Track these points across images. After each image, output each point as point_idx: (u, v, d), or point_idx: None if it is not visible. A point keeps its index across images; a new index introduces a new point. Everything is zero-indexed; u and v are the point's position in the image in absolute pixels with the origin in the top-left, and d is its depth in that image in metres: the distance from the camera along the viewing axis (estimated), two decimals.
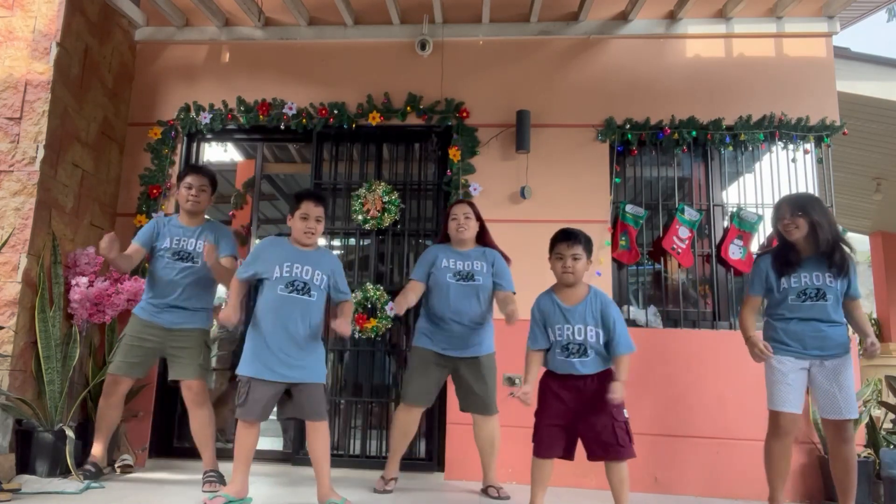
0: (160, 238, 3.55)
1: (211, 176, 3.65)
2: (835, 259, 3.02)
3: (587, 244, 2.90)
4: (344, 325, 3.00)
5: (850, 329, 3.19)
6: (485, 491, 3.49)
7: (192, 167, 3.73)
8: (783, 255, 3.14)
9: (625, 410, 2.77)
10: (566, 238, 2.88)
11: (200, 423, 3.47)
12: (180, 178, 3.63)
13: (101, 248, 3.22)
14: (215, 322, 3.66)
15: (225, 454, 4.43)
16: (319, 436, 3.01)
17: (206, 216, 3.71)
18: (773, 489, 3.08)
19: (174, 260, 3.49)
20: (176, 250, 3.50)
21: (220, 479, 3.40)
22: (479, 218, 3.55)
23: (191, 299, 3.50)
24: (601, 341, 2.81)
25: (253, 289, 3.27)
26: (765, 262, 3.20)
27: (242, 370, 2.99)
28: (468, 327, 3.40)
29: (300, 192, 3.16)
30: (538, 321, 2.94)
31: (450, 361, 3.42)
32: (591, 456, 2.79)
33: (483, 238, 3.58)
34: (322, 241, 4.63)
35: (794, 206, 3.09)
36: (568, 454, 2.84)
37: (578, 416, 2.79)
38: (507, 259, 3.54)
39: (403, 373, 3.71)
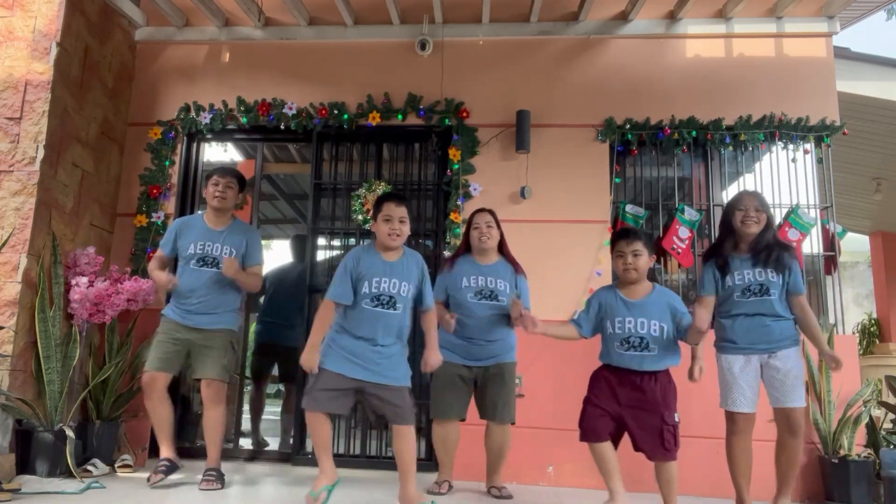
0: (183, 239, 3.57)
1: (238, 174, 3.70)
2: (773, 255, 3.05)
3: (648, 241, 2.98)
4: (433, 356, 3.00)
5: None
6: (488, 491, 3.48)
7: (219, 167, 3.78)
8: (722, 252, 3.16)
9: (676, 415, 2.80)
10: (626, 236, 2.97)
11: (213, 422, 3.48)
12: (208, 176, 3.68)
13: (162, 284, 3.48)
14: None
15: (225, 454, 4.44)
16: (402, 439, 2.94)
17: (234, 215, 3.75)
18: (739, 489, 3.08)
19: (198, 267, 3.52)
20: (200, 256, 3.53)
21: (220, 478, 3.41)
22: (499, 226, 3.52)
23: (217, 302, 3.53)
24: (665, 335, 2.85)
25: None
26: (707, 265, 3.23)
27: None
28: (493, 342, 3.40)
29: (381, 196, 3.13)
30: (591, 310, 2.99)
31: (473, 371, 3.41)
32: (637, 448, 2.85)
33: (502, 248, 3.54)
34: (322, 241, 4.67)
35: (759, 202, 3.13)
36: (613, 437, 2.89)
37: (628, 411, 2.83)
38: (524, 275, 3.51)
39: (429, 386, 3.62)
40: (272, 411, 5.39)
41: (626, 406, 2.84)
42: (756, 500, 3.11)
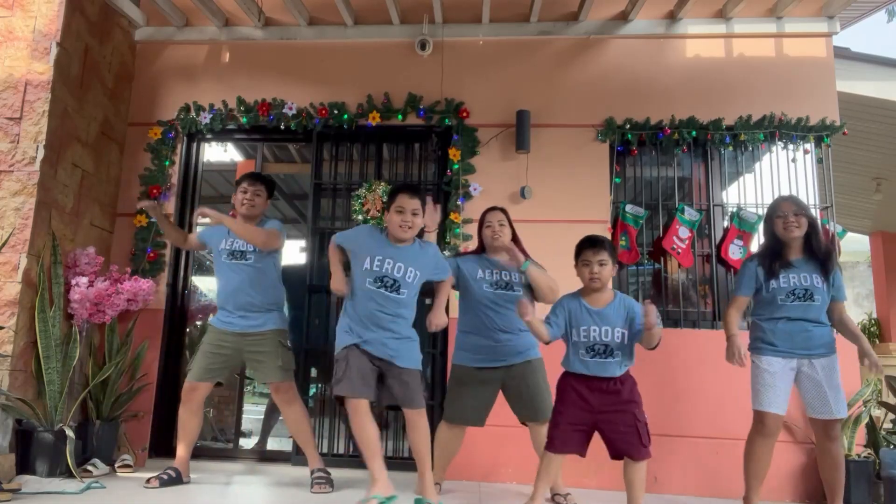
0: (214, 241, 3.57)
1: (267, 180, 3.69)
2: (825, 261, 3.06)
3: (612, 250, 2.95)
4: (438, 316, 3.00)
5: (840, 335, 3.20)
6: (552, 499, 3.35)
7: (249, 173, 3.76)
8: (773, 255, 3.15)
9: (643, 412, 2.82)
10: (592, 245, 2.93)
11: (295, 422, 3.47)
12: (237, 183, 3.67)
13: (145, 205, 3.42)
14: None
15: (226, 455, 4.45)
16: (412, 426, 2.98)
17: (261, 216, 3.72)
18: (750, 489, 3.08)
19: (230, 260, 3.50)
20: (230, 251, 3.51)
21: (329, 481, 3.38)
22: (511, 224, 3.44)
23: (257, 299, 3.47)
24: (625, 341, 2.86)
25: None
26: (754, 263, 3.22)
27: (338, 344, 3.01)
28: (514, 335, 3.27)
29: (395, 186, 3.16)
30: (561, 315, 2.94)
31: (497, 373, 3.26)
32: (614, 454, 2.83)
33: (517, 245, 3.44)
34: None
35: (797, 205, 3.13)
36: (581, 451, 2.87)
37: (601, 416, 2.82)
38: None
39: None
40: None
41: (600, 412, 2.81)
42: (761, 501, 3.12)
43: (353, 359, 2.90)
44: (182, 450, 3.48)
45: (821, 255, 3.08)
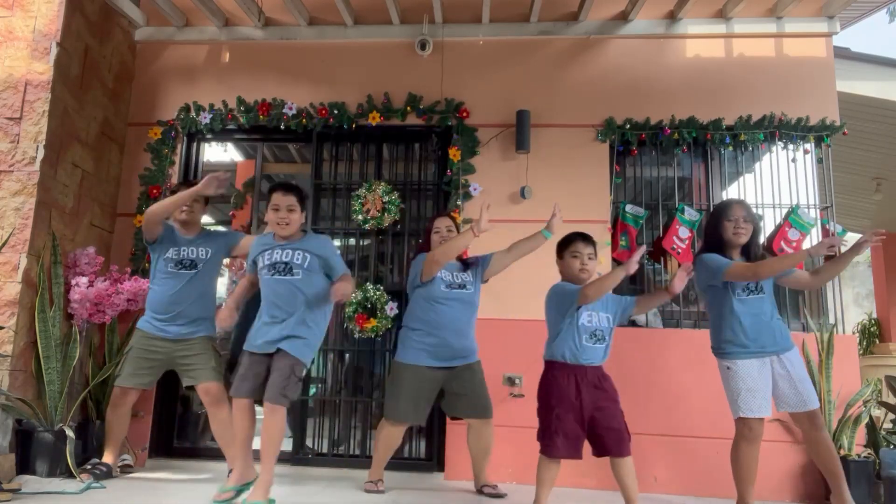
0: (163, 247, 3.56)
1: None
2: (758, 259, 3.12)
3: (596, 248, 3.07)
4: (344, 288, 2.98)
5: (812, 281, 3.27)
6: (480, 490, 3.49)
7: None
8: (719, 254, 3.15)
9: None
10: (583, 238, 3.01)
11: (222, 424, 3.47)
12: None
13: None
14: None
15: (223, 454, 4.44)
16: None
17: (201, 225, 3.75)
18: (743, 493, 3.05)
19: (177, 269, 3.53)
20: (177, 259, 3.54)
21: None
22: (459, 230, 3.56)
23: (194, 309, 3.52)
24: (611, 325, 2.97)
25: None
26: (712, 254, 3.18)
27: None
28: (462, 336, 3.40)
29: (271, 186, 3.22)
30: (568, 297, 2.94)
31: (441, 373, 3.37)
32: (601, 451, 2.84)
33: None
34: None
35: (746, 211, 3.15)
36: (581, 455, 2.89)
37: (593, 413, 2.83)
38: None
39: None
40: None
41: (591, 408, 2.83)
42: (756, 500, 3.10)
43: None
44: (110, 452, 3.53)
45: (756, 258, 3.13)
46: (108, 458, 3.53)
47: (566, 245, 3.02)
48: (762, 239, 4.21)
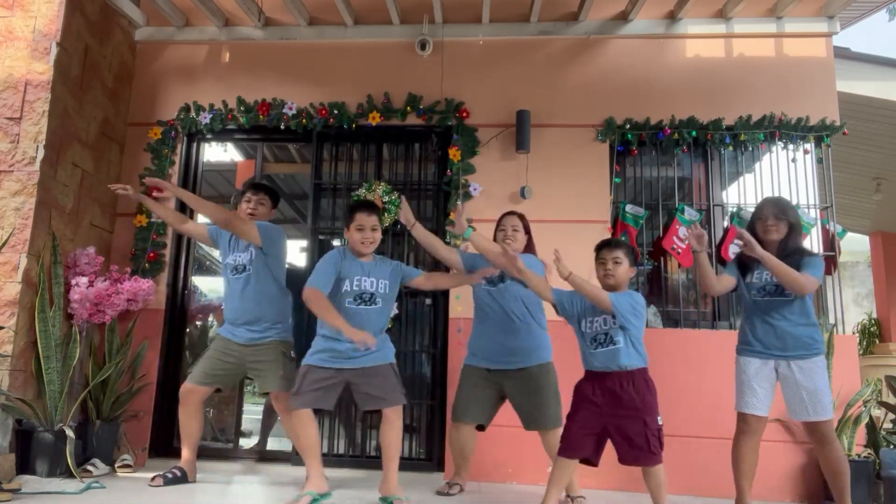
0: (223, 251, 3.58)
1: (271, 191, 3.74)
2: (794, 261, 2.99)
3: (630, 251, 2.98)
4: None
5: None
6: (566, 500, 3.29)
7: (253, 183, 3.78)
8: (745, 255, 3.13)
9: (659, 418, 2.79)
10: (608, 244, 3.00)
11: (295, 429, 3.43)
12: (241, 193, 3.69)
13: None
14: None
15: (225, 454, 4.45)
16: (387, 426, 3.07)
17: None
18: (740, 489, 3.07)
19: (233, 275, 3.50)
20: (233, 265, 3.51)
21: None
22: (527, 230, 3.44)
23: (260, 313, 3.45)
24: (616, 325, 2.86)
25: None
26: (732, 264, 3.24)
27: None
28: (509, 335, 3.27)
29: (352, 205, 3.31)
30: (576, 299, 2.96)
31: (496, 376, 3.28)
32: (622, 460, 2.81)
33: (529, 249, 3.44)
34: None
35: (777, 209, 3.11)
36: (595, 458, 2.86)
37: (610, 420, 2.81)
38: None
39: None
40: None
41: (609, 414, 2.80)
42: (756, 500, 3.11)
43: (311, 374, 3.11)
44: (186, 451, 3.49)
45: (794, 255, 3.03)
46: (183, 459, 3.48)
47: (595, 253, 3.03)
48: None
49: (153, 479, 3.33)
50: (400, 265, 3.32)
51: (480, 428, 3.39)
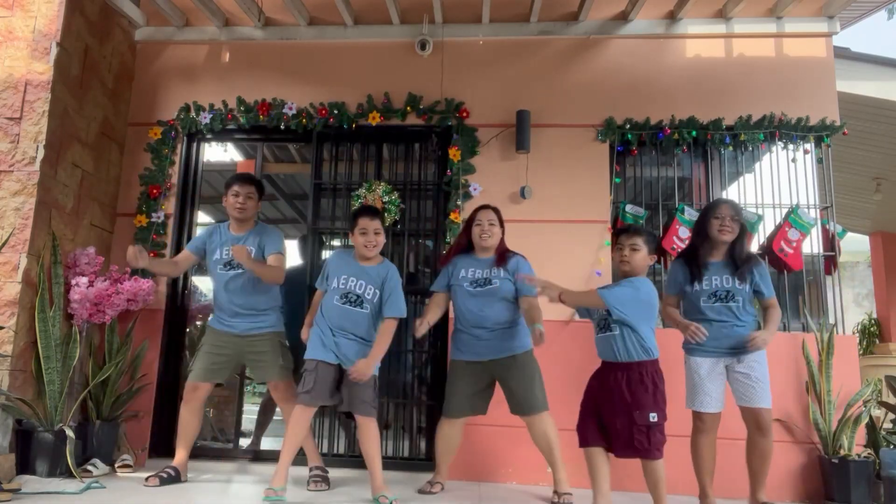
0: (210, 251, 3.59)
1: (257, 182, 3.71)
2: (742, 266, 3.17)
3: (650, 238, 3.03)
4: (363, 364, 3.07)
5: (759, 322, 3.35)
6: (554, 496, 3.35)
7: (239, 175, 3.75)
8: (693, 257, 3.26)
9: (653, 414, 2.77)
10: (626, 231, 3.06)
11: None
12: (226, 185, 3.64)
13: (128, 259, 3.30)
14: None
15: (225, 454, 4.45)
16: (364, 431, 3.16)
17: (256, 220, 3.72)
18: (702, 484, 3.19)
19: (225, 270, 3.52)
20: (226, 261, 3.52)
21: (326, 479, 3.46)
22: (502, 224, 3.50)
23: (254, 302, 3.51)
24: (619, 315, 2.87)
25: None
26: (677, 265, 3.36)
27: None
28: (496, 332, 3.36)
29: (355, 211, 3.41)
30: None
31: (486, 367, 3.37)
32: (610, 449, 2.89)
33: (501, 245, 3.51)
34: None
35: (734, 210, 3.22)
36: (603, 441, 2.90)
37: (601, 406, 2.89)
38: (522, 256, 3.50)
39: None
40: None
41: (601, 401, 2.90)
42: (728, 498, 3.16)
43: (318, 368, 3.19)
44: (180, 451, 3.50)
45: (739, 261, 3.19)
46: (177, 459, 3.48)
47: (613, 241, 3.13)
48: (762, 240, 4.23)
49: (147, 479, 3.34)
50: (393, 284, 3.28)
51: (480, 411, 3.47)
